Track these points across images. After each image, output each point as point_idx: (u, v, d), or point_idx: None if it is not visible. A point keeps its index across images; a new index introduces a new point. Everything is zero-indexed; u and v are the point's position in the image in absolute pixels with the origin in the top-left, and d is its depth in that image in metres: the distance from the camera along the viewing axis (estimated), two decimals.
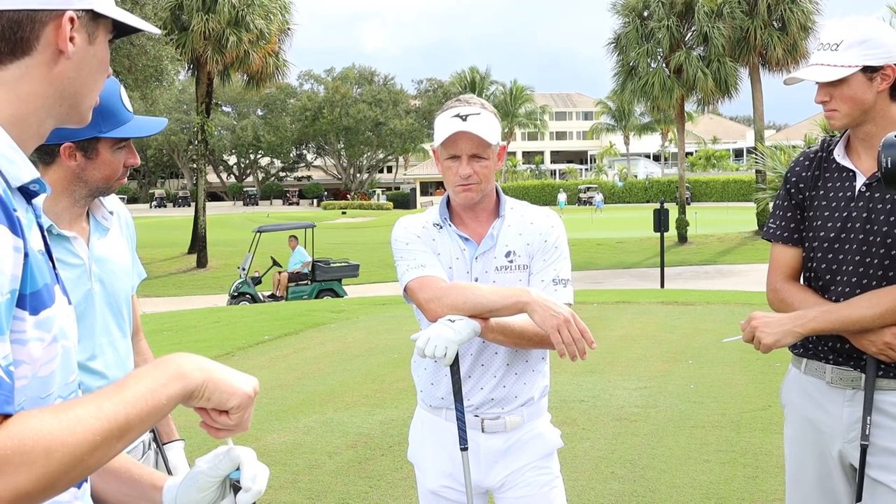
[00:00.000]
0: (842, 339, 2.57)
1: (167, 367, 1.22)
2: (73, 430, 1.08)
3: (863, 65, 2.48)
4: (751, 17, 32.61)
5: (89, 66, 1.28)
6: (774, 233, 2.75)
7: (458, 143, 2.52)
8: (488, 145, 2.52)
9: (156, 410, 1.18)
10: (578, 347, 2.32)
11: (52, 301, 1.19)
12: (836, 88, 2.52)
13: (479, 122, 2.50)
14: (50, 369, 1.19)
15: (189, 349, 7.32)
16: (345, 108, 76.90)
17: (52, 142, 2.28)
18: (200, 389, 1.24)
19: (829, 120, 2.59)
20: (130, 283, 2.55)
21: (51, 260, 1.26)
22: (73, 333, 1.28)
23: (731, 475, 5.29)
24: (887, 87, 2.51)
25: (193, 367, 1.24)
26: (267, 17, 31.52)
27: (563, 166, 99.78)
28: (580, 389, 7.55)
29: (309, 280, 21.07)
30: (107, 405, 1.12)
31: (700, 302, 13.41)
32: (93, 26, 1.27)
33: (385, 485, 5.32)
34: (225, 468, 1.39)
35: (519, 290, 2.43)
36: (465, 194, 2.56)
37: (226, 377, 1.27)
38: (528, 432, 2.65)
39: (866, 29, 2.51)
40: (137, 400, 1.15)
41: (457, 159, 2.54)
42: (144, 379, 1.19)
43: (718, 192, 68.77)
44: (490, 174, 2.56)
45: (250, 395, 1.29)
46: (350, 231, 43.95)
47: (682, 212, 34.02)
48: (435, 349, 2.33)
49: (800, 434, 2.73)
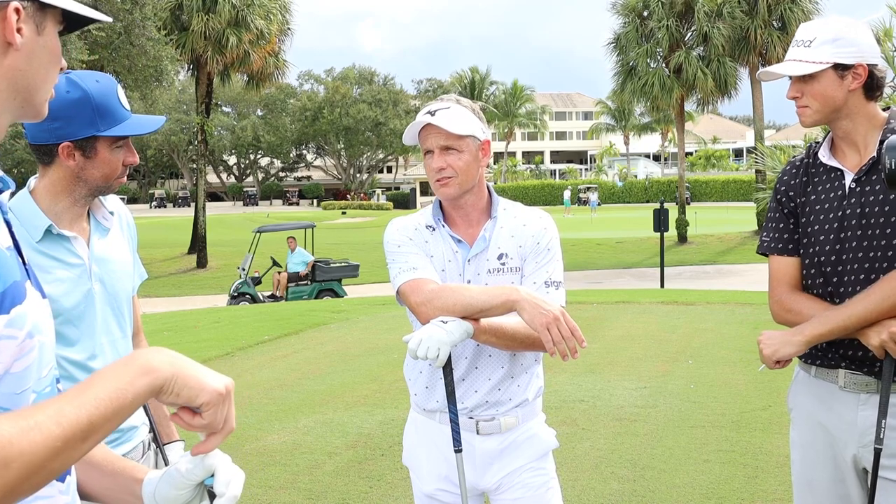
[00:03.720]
0: (853, 346, 2.55)
1: (134, 363, 1.19)
2: (33, 438, 1.05)
3: (833, 62, 2.50)
4: (751, 16, 32.60)
5: (40, 58, 1.25)
6: (769, 245, 2.74)
7: (428, 137, 2.55)
8: (459, 137, 2.52)
9: (123, 408, 1.15)
10: (569, 346, 2.31)
11: (22, 298, 1.17)
12: (807, 85, 2.54)
13: (446, 115, 2.51)
14: (24, 365, 1.18)
15: (189, 349, 7.32)
16: (345, 109, 76.91)
17: (50, 142, 2.28)
18: (170, 384, 1.20)
19: (800, 117, 2.61)
20: (131, 283, 2.55)
21: (20, 256, 1.25)
22: (49, 328, 1.26)
23: (731, 475, 5.29)
24: (859, 86, 2.52)
25: (162, 362, 1.21)
26: (267, 17, 31.50)
27: (562, 166, 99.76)
28: (580, 389, 7.55)
29: (309, 280, 21.07)
30: (68, 409, 1.10)
31: (700, 302, 13.41)
32: (40, 16, 1.24)
33: (385, 485, 5.32)
34: (198, 475, 1.37)
35: (508, 289, 2.43)
36: (443, 189, 2.55)
37: (196, 373, 1.23)
38: (523, 433, 2.64)
39: (839, 28, 2.53)
40: (101, 400, 1.13)
41: (431, 154, 2.55)
42: (110, 377, 1.16)
43: (718, 192, 68.75)
44: (467, 169, 2.54)
45: (221, 393, 1.24)
46: (350, 231, 43.94)
47: (681, 212, 34.02)
48: (427, 350, 2.32)
49: (810, 438, 2.70)
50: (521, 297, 2.37)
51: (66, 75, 2.31)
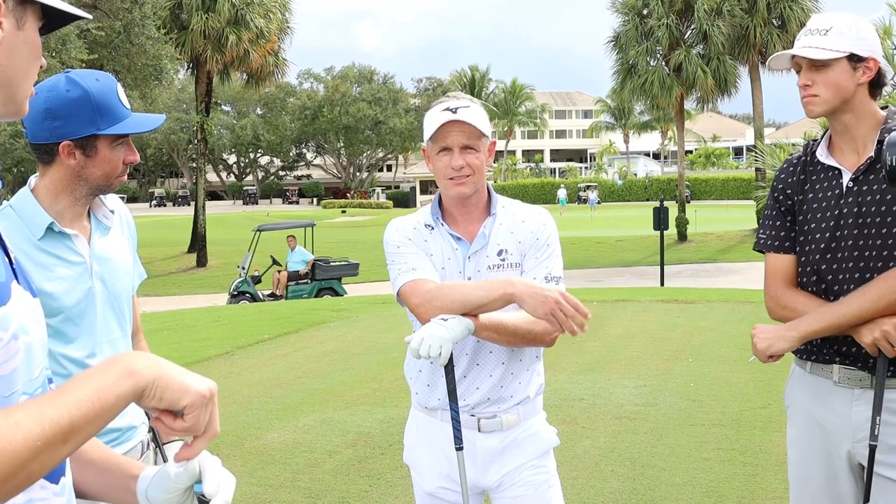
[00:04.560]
0: (847, 342, 2.56)
1: (116, 366, 1.18)
2: (12, 437, 1.04)
3: (850, 52, 2.50)
4: (750, 14, 32.59)
5: (21, 52, 1.24)
6: (766, 242, 2.75)
7: (450, 134, 2.52)
8: (480, 135, 2.53)
9: (105, 411, 1.14)
10: (577, 323, 2.34)
11: (7, 298, 1.17)
12: (819, 73, 2.54)
13: (469, 113, 2.51)
14: (11, 367, 1.17)
15: (189, 348, 7.34)
16: (344, 107, 76.85)
17: (50, 141, 2.28)
18: (152, 387, 1.19)
19: (808, 105, 2.60)
20: (131, 282, 2.55)
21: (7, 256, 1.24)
22: (37, 329, 1.25)
23: (731, 473, 5.29)
24: (867, 81, 2.54)
25: (144, 365, 1.20)
26: (266, 15, 31.51)
27: (562, 165, 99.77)
28: (580, 388, 7.55)
29: (309, 279, 21.07)
30: (49, 409, 1.08)
31: (700, 300, 13.41)
32: (20, 11, 1.23)
33: (385, 483, 5.33)
34: (185, 480, 1.37)
35: (504, 282, 2.44)
36: (458, 188, 2.55)
37: (178, 376, 1.22)
38: (525, 431, 2.65)
39: (854, 20, 2.56)
40: (83, 402, 1.11)
41: (448, 152, 2.53)
42: (92, 379, 1.15)
43: (718, 190, 68.73)
44: (482, 168, 2.56)
45: (204, 395, 1.23)
46: (350, 230, 43.93)
47: (681, 210, 34.02)
48: (429, 349, 2.33)
49: (805, 434, 2.71)
50: (518, 289, 2.39)
51: (65, 74, 2.31)
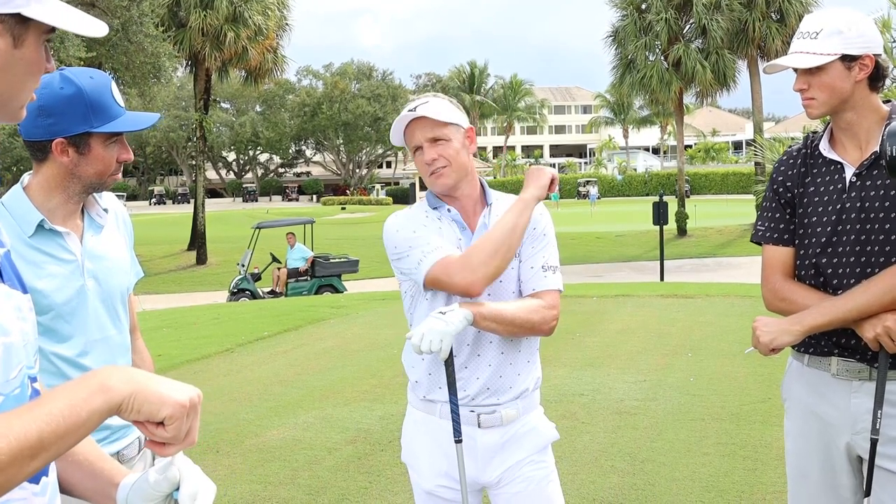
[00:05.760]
0: (846, 334, 2.55)
1: (90, 381, 1.17)
2: None
3: (841, 53, 2.48)
4: (749, 9, 32.56)
5: (14, 70, 1.23)
6: (764, 234, 2.72)
7: (415, 132, 2.57)
8: (444, 124, 2.54)
9: (77, 427, 1.12)
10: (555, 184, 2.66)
11: None
12: (814, 77, 2.52)
13: (428, 108, 2.55)
14: None
15: (189, 346, 7.33)
16: (343, 104, 76.82)
17: (44, 138, 2.27)
18: (128, 402, 1.17)
19: (807, 108, 2.58)
20: (127, 280, 2.54)
21: None
22: (17, 328, 1.24)
23: (731, 468, 5.29)
24: (865, 77, 2.51)
25: (118, 380, 1.18)
26: (265, 12, 31.50)
27: (562, 160, 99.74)
28: (579, 383, 7.55)
29: (308, 276, 21.07)
30: (17, 423, 1.07)
31: (699, 295, 13.40)
32: (20, 29, 1.22)
33: (384, 480, 5.33)
34: (164, 488, 1.36)
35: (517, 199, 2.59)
36: (438, 181, 2.57)
37: (156, 388, 1.20)
38: (524, 426, 2.65)
39: (845, 19, 2.51)
40: (53, 417, 1.09)
41: (421, 150, 2.57)
42: (64, 395, 1.14)
43: (718, 185, 68.76)
44: (458, 157, 2.56)
45: (184, 405, 1.21)
46: (349, 226, 43.94)
47: (681, 205, 34.05)
48: (430, 344, 2.34)
49: (803, 427, 2.70)
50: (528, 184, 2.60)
51: (59, 72, 2.30)
